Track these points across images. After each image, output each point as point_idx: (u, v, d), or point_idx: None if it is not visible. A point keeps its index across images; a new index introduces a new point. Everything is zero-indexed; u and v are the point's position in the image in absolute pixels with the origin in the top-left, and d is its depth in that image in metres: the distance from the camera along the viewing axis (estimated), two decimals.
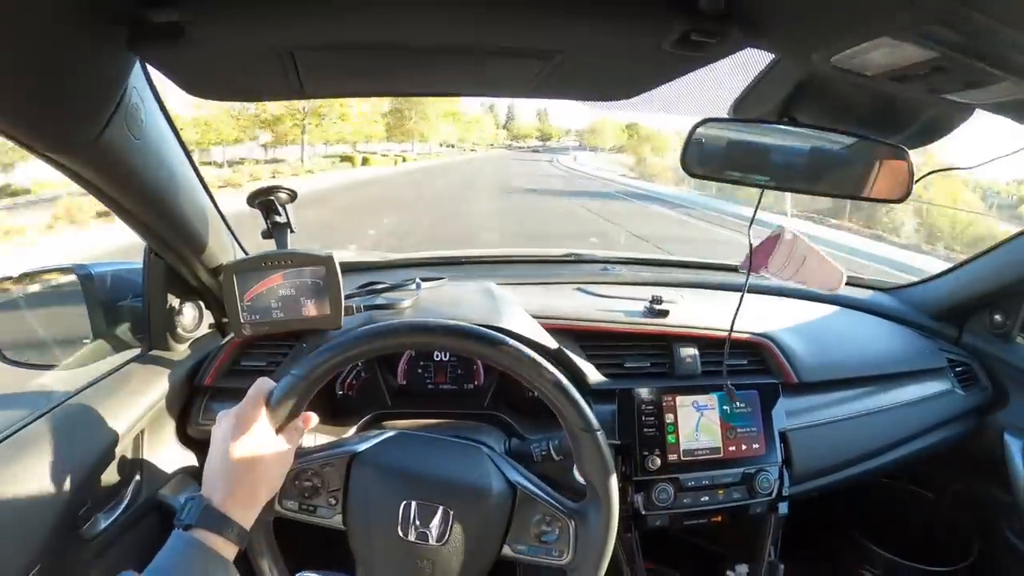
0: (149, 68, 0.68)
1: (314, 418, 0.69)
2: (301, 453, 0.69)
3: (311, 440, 0.82)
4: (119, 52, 0.52)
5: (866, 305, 1.30)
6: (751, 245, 0.89)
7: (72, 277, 0.99)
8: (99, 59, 0.53)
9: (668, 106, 0.86)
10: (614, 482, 0.66)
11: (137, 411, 0.84)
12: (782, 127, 0.79)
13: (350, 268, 0.93)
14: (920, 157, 0.94)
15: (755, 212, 0.84)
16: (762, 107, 0.83)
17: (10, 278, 1.01)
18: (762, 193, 0.81)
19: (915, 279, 1.39)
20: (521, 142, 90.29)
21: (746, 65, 0.76)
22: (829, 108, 0.81)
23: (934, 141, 0.89)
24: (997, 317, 1.25)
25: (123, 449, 0.82)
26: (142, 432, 0.87)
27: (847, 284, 1.39)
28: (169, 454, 0.92)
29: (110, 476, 0.80)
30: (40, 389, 0.96)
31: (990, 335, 1.27)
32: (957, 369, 1.23)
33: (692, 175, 0.76)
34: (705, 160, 0.77)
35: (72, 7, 0.44)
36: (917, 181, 0.85)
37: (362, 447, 0.70)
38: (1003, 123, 0.67)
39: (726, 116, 0.79)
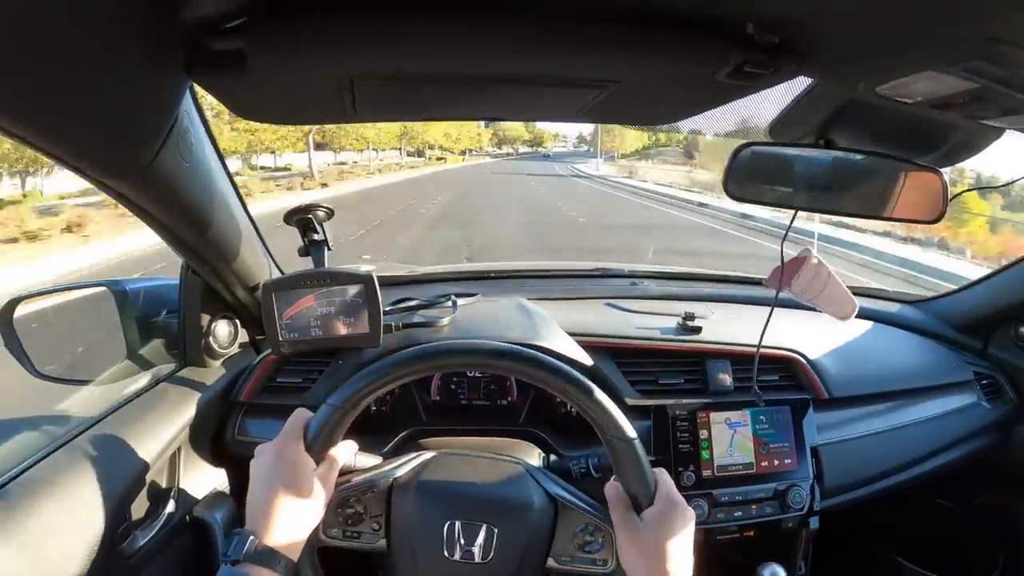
0: (196, 88, 0.69)
1: (352, 446, 0.69)
2: (342, 476, 0.70)
3: (351, 458, 0.83)
4: (176, 78, 0.53)
5: (893, 318, 1.31)
6: (783, 261, 0.90)
7: (105, 291, 1.00)
8: (156, 86, 0.53)
9: (706, 126, 0.88)
10: (653, 492, 0.67)
11: (173, 429, 0.85)
12: (819, 150, 0.80)
13: (383, 283, 0.94)
14: (952, 173, 0.94)
15: (787, 231, 0.85)
16: (798, 129, 0.83)
17: (45, 292, 1.03)
18: (795, 213, 0.82)
19: (941, 291, 1.39)
20: (509, 147, 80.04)
21: (787, 88, 0.77)
22: (864, 130, 0.82)
23: (965, 160, 0.90)
24: (1022, 329, 1.26)
25: (159, 467, 0.83)
26: (178, 449, 0.88)
27: (874, 297, 1.40)
28: (204, 471, 0.93)
29: (147, 493, 0.81)
30: (77, 406, 0.98)
31: (1015, 347, 1.27)
32: (983, 382, 1.24)
33: (734, 198, 0.77)
34: (747, 184, 0.78)
35: (132, 32, 0.44)
36: (952, 199, 0.86)
37: (401, 471, 0.71)
38: None
39: (764, 140, 0.80)
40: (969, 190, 1.04)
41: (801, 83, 0.74)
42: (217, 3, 0.46)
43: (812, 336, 1.11)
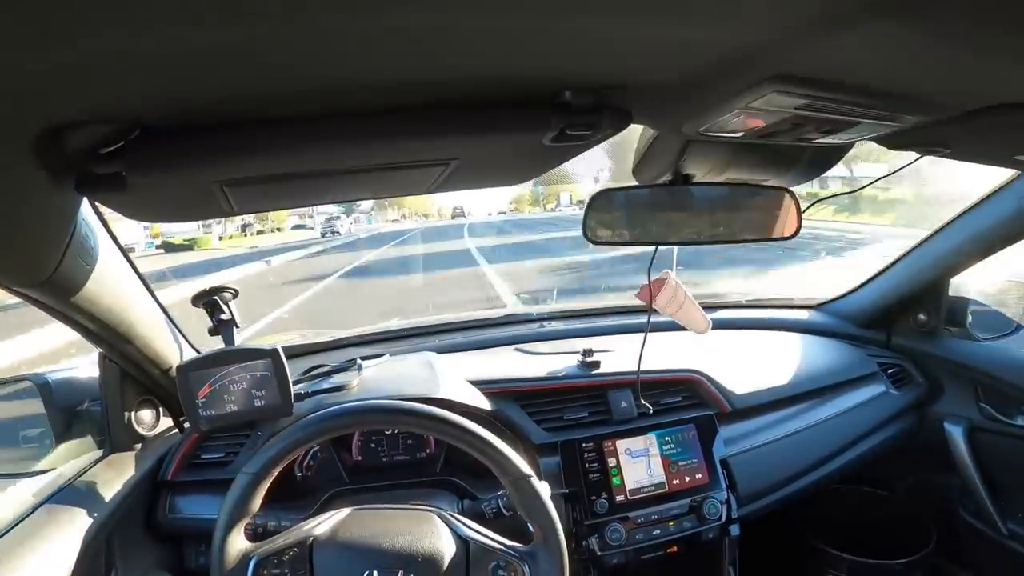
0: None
1: None
2: (263, 539, 0.74)
3: (275, 522, 0.86)
4: (69, 196, 0.58)
5: (795, 325, 1.38)
6: (649, 280, 0.97)
7: (28, 385, 1.02)
8: (52, 205, 0.58)
9: (574, 176, 0.95)
10: (556, 520, 0.73)
11: (105, 513, 0.87)
12: (675, 187, 0.86)
13: (293, 354, 0.98)
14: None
15: (650, 267, 0.93)
16: (656, 169, 0.90)
17: None
18: (656, 249, 0.88)
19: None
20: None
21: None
22: (719, 162, 0.88)
23: (823, 174, 0.97)
24: (921, 316, 1.33)
25: (95, 551, 0.84)
26: (113, 532, 0.90)
27: (776, 307, 1.48)
28: (140, 551, 0.95)
29: None
30: (6, 498, 0.99)
31: (917, 334, 1.34)
32: (890, 371, 1.30)
33: (594, 243, 0.83)
34: (605, 228, 0.83)
35: (24, 161, 0.48)
36: (804, 211, 0.92)
37: (320, 529, 0.75)
38: None
39: (620, 185, 0.87)
40: (815, 203, 1.13)
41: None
42: (94, 133, 0.50)
43: (711, 355, 1.17)
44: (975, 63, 0.46)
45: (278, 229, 30.19)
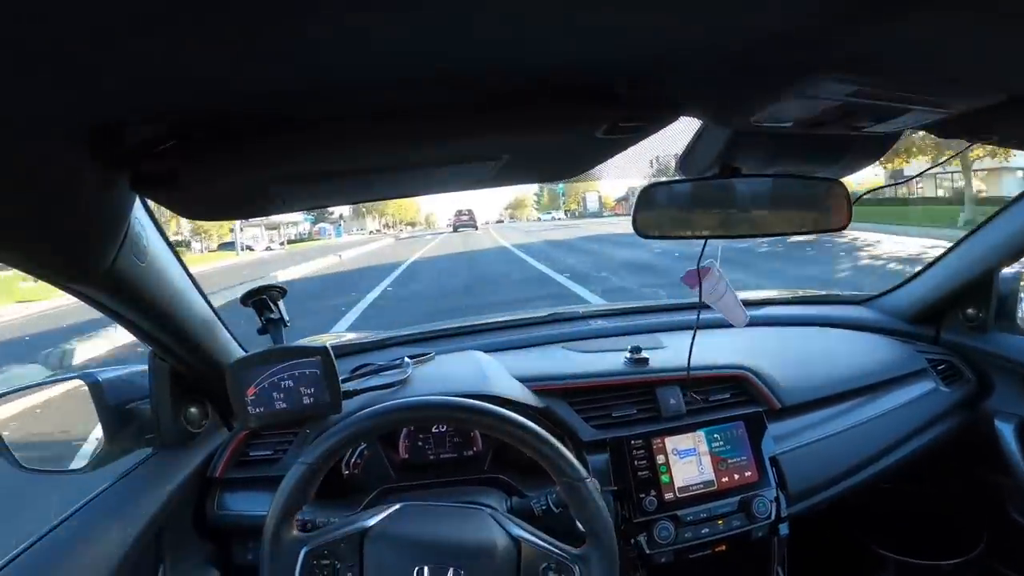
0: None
1: None
2: (314, 530, 0.75)
3: (323, 518, 0.87)
4: (124, 193, 0.60)
5: (843, 320, 1.35)
6: (698, 269, 0.96)
7: (79, 383, 1.05)
8: (107, 201, 0.60)
9: (622, 172, 0.95)
10: (610, 524, 0.72)
11: (155, 509, 0.89)
12: (722, 180, 0.85)
13: (342, 353, 0.99)
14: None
15: (699, 260, 0.92)
16: (705, 160, 0.89)
17: (21, 389, 1.07)
18: (705, 243, 0.87)
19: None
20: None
21: (685, 125, 0.83)
22: (766, 153, 0.87)
23: (870, 164, 0.96)
24: (970, 311, 1.30)
25: (144, 547, 0.86)
26: (162, 529, 0.91)
27: (824, 303, 1.46)
28: (189, 547, 0.97)
29: (134, 575, 0.84)
30: (59, 495, 1.01)
31: (966, 329, 1.31)
32: (939, 367, 1.27)
33: (645, 237, 0.82)
34: (655, 222, 0.83)
35: (83, 158, 0.50)
36: (855, 202, 0.90)
37: (371, 522, 0.76)
38: None
39: (669, 178, 0.86)
40: (866, 193, 1.12)
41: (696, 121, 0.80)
42: (149, 131, 0.52)
43: (759, 351, 1.15)
44: None
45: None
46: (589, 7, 0.38)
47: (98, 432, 1.04)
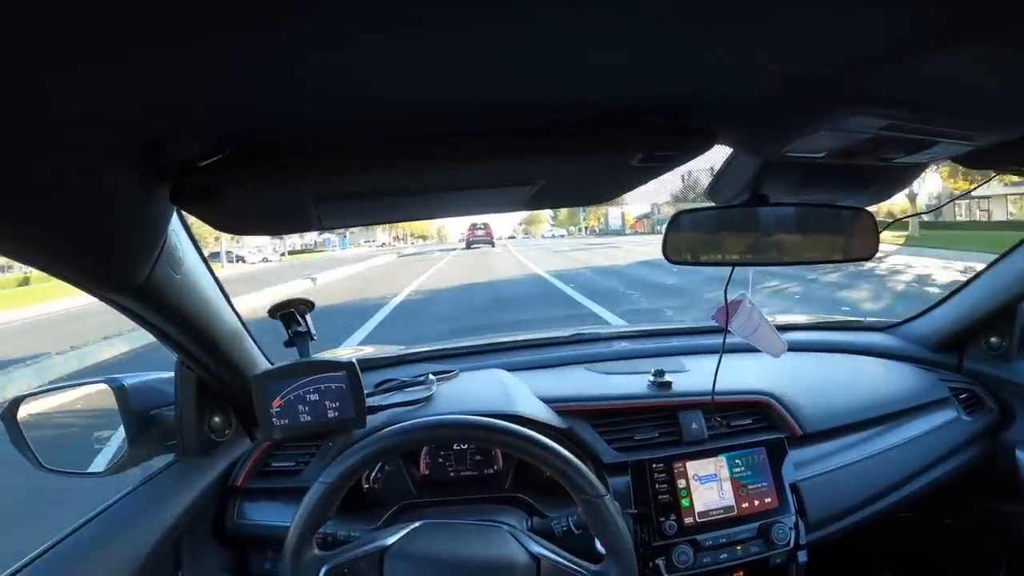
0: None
1: None
2: (334, 548, 0.76)
3: (344, 532, 0.88)
4: (164, 206, 0.61)
5: (865, 347, 1.34)
6: (726, 302, 0.96)
7: (104, 387, 1.06)
8: (149, 214, 0.61)
9: (654, 195, 0.95)
10: (629, 542, 0.73)
11: (175, 515, 0.90)
12: (751, 208, 0.86)
13: (366, 367, 1.00)
14: None
15: (726, 289, 0.91)
16: (734, 188, 0.90)
17: (47, 390, 1.09)
18: (732, 270, 0.87)
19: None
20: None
21: (716, 153, 0.84)
22: (794, 181, 0.88)
23: (897, 194, 0.96)
24: (993, 339, 1.29)
25: (164, 553, 0.88)
26: (181, 536, 0.92)
27: (846, 329, 1.45)
28: (208, 555, 0.98)
29: None
30: (81, 498, 1.03)
31: (989, 358, 1.30)
32: (961, 396, 1.26)
33: (675, 263, 0.83)
34: (684, 248, 0.83)
35: (127, 172, 0.52)
36: (882, 231, 0.91)
37: (391, 540, 0.77)
38: None
39: (699, 204, 0.87)
40: (893, 222, 1.12)
41: (726, 149, 0.81)
42: (192, 147, 0.53)
43: (782, 377, 1.15)
44: None
45: None
46: (632, 47, 0.40)
47: (120, 437, 1.06)
